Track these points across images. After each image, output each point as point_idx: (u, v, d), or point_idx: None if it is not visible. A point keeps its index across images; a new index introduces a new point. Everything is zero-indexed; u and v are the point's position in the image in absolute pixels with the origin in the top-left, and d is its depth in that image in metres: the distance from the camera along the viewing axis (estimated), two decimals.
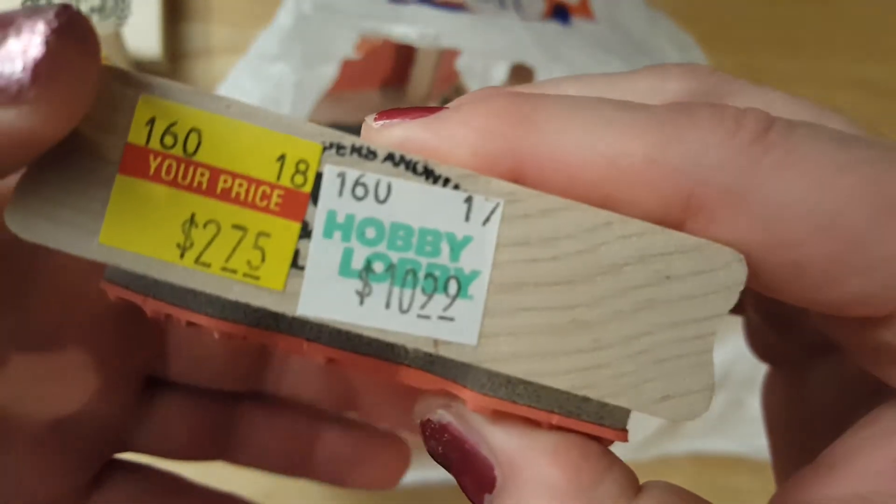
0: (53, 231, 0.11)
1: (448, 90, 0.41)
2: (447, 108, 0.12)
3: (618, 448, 0.13)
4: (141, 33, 0.40)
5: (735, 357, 0.37)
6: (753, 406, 0.38)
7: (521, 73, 0.34)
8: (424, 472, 0.36)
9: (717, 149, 0.11)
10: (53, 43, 0.10)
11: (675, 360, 0.11)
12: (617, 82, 0.14)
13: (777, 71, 0.46)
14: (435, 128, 0.12)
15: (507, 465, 0.12)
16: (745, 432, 0.37)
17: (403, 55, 0.39)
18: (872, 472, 0.12)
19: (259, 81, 0.33)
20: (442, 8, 0.34)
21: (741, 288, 0.11)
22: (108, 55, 0.37)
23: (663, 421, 0.37)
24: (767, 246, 0.11)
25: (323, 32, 0.33)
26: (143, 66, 0.41)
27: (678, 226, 0.12)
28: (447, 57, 0.39)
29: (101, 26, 0.38)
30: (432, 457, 0.13)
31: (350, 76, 0.34)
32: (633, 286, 0.11)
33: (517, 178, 0.12)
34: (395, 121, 0.12)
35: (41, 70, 0.10)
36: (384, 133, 0.12)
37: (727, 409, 0.38)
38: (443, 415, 0.13)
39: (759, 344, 0.19)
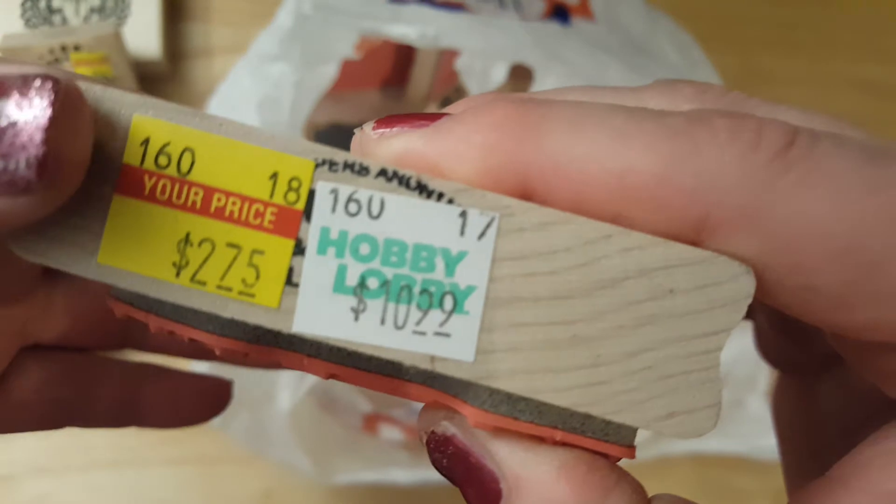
0: (55, 251, 0.11)
1: (448, 90, 0.41)
2: (448, 114, 0.12)
3: None
4: (141, 33, 0.40)
5: (735, 357, 0.37)
6: (753, 406, 0.38)
7: (520, 74, 0.34)
8: (424, 472, 0.36)
9: (735, 167, 0.10)
10: (54, 137, 0.10)
11: (680, 376, 0.11)
12: (625, 97, 0.13)
13: (777, 71, 0.46)
14: (436, 142, 0.11)
15: (513, 478, 0.12)
16: (745, 432, 0.37)
17: (403, 55, 0.39)
18: (883, 490, 0.11)
19: (259, 81, 0.33)
20: (441, 8, 0.34)
21: (749, 301, 0.11)
22: (108, 55, 0.37)
23: None
24: (783, 269, 0.11)
25: (323, 32, 0.33)
26: (143, 65, 0.41)
27: (691, 245, 0.11)
28: (447, 57, 0.39)
29: (101, 26, 0.38)
30: (436, 469, 0.13)
31: (350, 76, 0.34)
32: (635, 300, 0.11)
33: (525, 194, 0.11)
34: (394, 130, 0.12)
35: (46, 164, 0.10)
36: (383, 145, 0.12)
37: (727, 409, 0.38)
38: (447, 427, 0.12)
39: (770, 350, 0.18)
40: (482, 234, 0.11)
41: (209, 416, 0.23)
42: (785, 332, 0.17)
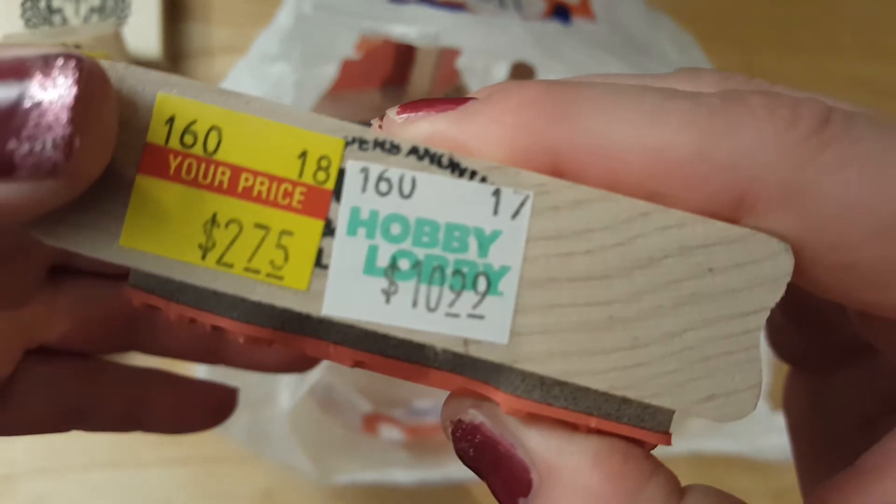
0: (75, 234, 0.11)
1: (449, 90, 0.41)
2: (475, 98, 0.12)
3: None
4: (141, 33, 0.40)
5: None
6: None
7: (521, 73, 0.34)
8: (424, 472, 0.36)
9: (774, 143, 0.10)
10: (80, 116, 0.10)
11: (720, 356, 0.11)
12: (649, 83, 0.13)
13: (777, 71, 0.46)
14: (465, 123, 0.11)
15: (545, 468, 0.11)
16: (745, 432, 0.37)
17: (403, 55, 0.39)
18: None
19: (259, 81, 0.33)
20: (442, 7, 0.34)
21: (788, 279, 0.11)
22: (108, 55, 0.37)
23: None
24: (823, 246, 0.11)
25: (323, 32, 0.33)
26: (143, 65, 0.41)
27: (728, 223, 0.11)
28: (447, 56, 0.39)
29: (101, 26, 0.38)
30: (461, 459, 0.13)
31: (350, 76, 0.34)
32: (674, 280, 0.11)
33: (555, 174, 0.11)
34: (419, 114, 0.12)
35: (73, 144, 0.10)
36: (409, 128, 0.12)
37: None
38: (475, 415, 0.12)
39: (782, 344, 0.18)
40: (516, 213, 0.11)
41: (214, 423, 0.22)
42: (799, 324, 0.17)
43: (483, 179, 0.11)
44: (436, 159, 0.11)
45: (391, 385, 0.39)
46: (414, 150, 0.11)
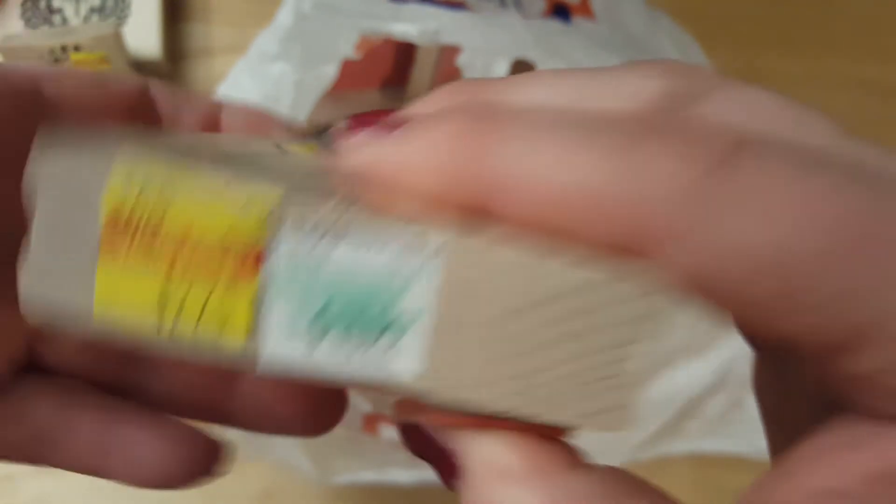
0: (57, 315, 0.12)
1: None
2: (416, 118, 0.12)
3: (619, 448, 0.12)
4: (141, 33, 0.40)
5: (735, 357, 0.37)
6: (753, 406, 0.38)
7: (521, 70, 0.34)
8: (424, 472, 0.36)
9: (673, 182, 0.11)
10: None
11: (597, 382, 0.12)
12: (594, 79, 0.14)
13: (777, 71, 0.46)
14: (403, 152, 0.12)
15: (467, 454, 0.13)
16: (745, 432, 0.37)
17: (403, 55, 0.39)
18: (827, 487, 0.12)
19: (259, 81, 0.33)
20: (442, 6, 0.34)
21: (662, 315, 0.12)
22: (108, 55, 0.37)
23: (664, 421, 0.37)
24: (714, 282, 0.11)
25: (323, 32, 0.33)
26: (143, 65, 0.41)
27: (627, 256, 0.12)
28: (448, 56, 0.39)
29: (101, 26, 0.38)
30: (413, 454, 0.14)
31: (350, 76, 0.34)
32: (561, 318, 0.12)
33: (480, 208, 0.12)
34: (360, 137, 0.13)
35: None
36: (353, 158, 0.13)
37: (727, 409, 0.38)
38: (414, 417, 0.14)
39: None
40: (430, 260, 0.12)
41: (187, 481, 0.19)
42: None
43: (402, 227, 0.12)
44: (357, 215, 0.12)
45: None
46: (337, 208, 0.12)
